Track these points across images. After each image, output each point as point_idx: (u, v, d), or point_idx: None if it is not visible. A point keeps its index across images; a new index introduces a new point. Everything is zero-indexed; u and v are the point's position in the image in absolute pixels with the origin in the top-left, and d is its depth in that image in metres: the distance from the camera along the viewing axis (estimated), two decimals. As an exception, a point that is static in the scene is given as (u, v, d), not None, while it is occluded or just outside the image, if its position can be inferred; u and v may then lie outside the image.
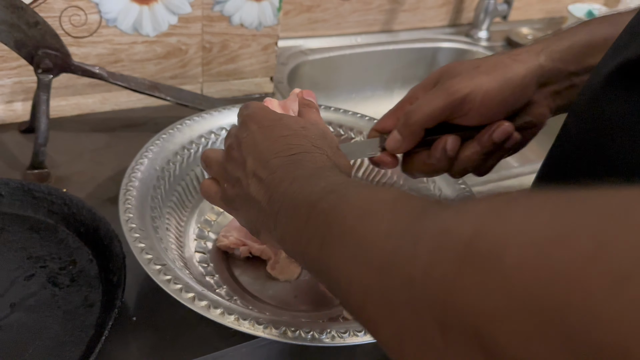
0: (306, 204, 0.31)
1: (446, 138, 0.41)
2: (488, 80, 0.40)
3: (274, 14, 0.74)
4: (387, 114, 0.45)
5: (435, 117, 0.41)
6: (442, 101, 0.40)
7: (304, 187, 0.32)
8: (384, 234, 0.24)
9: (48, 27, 0.57)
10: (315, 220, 0.29)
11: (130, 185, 0.48)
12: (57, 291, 0.47)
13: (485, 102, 0.40)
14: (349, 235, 0.26)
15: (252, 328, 0.38)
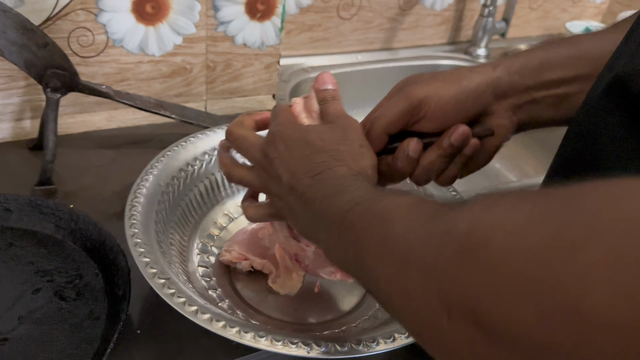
0: (337, 219, 0.34)
1: (409, 140, 0.42)
2: (443, 86, 0.42)
3: (276, 34, 0.76)
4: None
5: (396, 122, 0.43)
6: (401, 105, 0.42)
7: (332, 204, 0.36)
8: (402, 234, 0.28)
9: (57, 48, 0.59)
10: (347, 231, 0.34)
11: (135, 201, 0.49)
12: (63, 304, 0.48)
13: (440, 106, 0.42)
14: (375, 239, 0.30)
15: (254, 341, 0.39)
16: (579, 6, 1.20)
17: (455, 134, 0.42)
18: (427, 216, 0.28)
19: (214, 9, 0.70)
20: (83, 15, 0.64)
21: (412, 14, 1.02)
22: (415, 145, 0.42)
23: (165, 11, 0.67)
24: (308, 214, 0.38)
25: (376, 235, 0.30)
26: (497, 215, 0.22)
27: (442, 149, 0.42)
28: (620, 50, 0.35)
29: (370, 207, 0.33)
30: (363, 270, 0.32)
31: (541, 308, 0.19)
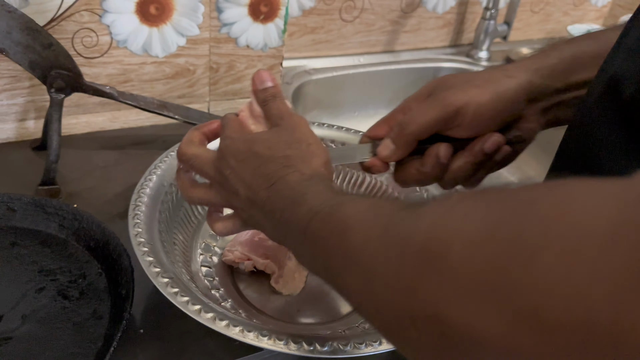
0: (300, 231, 0.34)
1: (439, 146, 0.42)
2: (481, 93, 0.41)
3: (279, 35, 0.76)
4: (380, 122, 0.46)
5: (429, 129, 0.42)
6: (436, 113, 0.41)
7: (292, 215, 0.36)
8: (362, 245, 0.28)
9: (61, 49, 0.59)
10: (311, 242, 0.33)
11: (139, 200, 0.49)
12: (67, 304, 0.48)
13: (478, 115, 0.41)
14: (338, 250, 0.30)
15: (257, 340, 0.40)
16: (581, 9, 1.21)
17: (489, 143, 0.41)
18: (384, 224, 0.27)
19: (217, 11, 0.70)
20: (87, 16, 0.64)
21: (414, 16, 1.02)
22: (446, 150, 0.42)
23: (169, 13, 0.68)
24: (273, 225, 0.38)
25: (338, 246, 0.30)
26: (453, 223, 0.23)
27: (473, 156, 0.42)
28: (613, 54, 0.35)
29: (329, 216, 0.32)
30: (332, 279, 0.32)
31: (503, 314, 0.20)
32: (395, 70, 1.03)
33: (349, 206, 0.32)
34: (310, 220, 0.33)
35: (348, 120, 1.03)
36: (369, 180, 0.63)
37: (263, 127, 0.44)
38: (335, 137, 0.63)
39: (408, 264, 0.24)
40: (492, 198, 0.23)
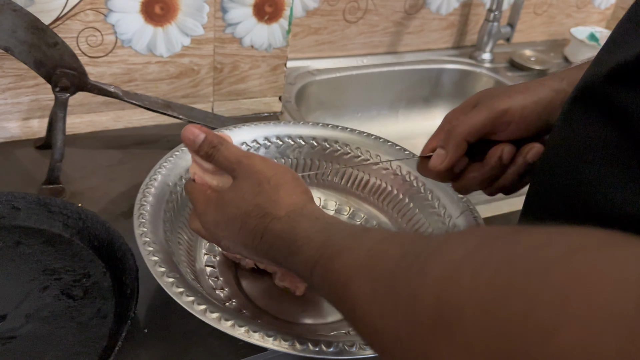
0: (305, 277, 0.36)
1: (503, 146, 0.44)
2: (524, 97, 0.44)
3: (284, 36, 0.76)
4: (429, 141, 0.48)
5: (478, 130, 0.44)
6: (485, 115, 0.44)
7: (295, 265, 0.37)
8: (368, 302, 0.28)
9: (66, 48, 0.59)
10: (319, 287, 0.34)
11: (144, 200, 0.49)
12: (71, 303, 0.48)
13: (524, 117, 0.43)
14: (343, 303, 0.31)
15: (262, 340, 0.39)
16: (584, 12, 1.21)
17: (532, 153, 0.43)
18: (388, 274, 0.27)
19: (222, 11, 0.70)
20: (92, 16, 0.64)
21: (418, 18, 1.02)
22: (510, 150, 0.43)
23: (173, 12, 0.68)
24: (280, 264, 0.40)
25: (343, 299, 0.31)
26: (463, 285, 0.22)
27: (516, 166, 0.44)
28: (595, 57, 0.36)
29: (328, 267, 0.33)
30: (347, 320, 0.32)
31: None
32: (398, 71, 1.03)
33: (347, 255, 0.32)
34: (311, 271, 0.34)
35: (351, 121, 1.03)
36: (373, 181, 0.63)
37: (225, 177, 0.44)
38: (339, 138, 0.63)
39: (419, 330, 0.23)
40: (501, 254, 0.22)
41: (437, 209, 0.57)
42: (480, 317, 0.20)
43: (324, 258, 0.33)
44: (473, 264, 0.22)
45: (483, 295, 0.21)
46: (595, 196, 0.31)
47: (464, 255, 0.23)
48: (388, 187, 0.62)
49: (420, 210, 0.59)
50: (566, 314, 0.18)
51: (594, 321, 0.17)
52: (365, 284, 0.29)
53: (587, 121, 0.33)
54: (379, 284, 0.27)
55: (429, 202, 0.58)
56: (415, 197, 0.60)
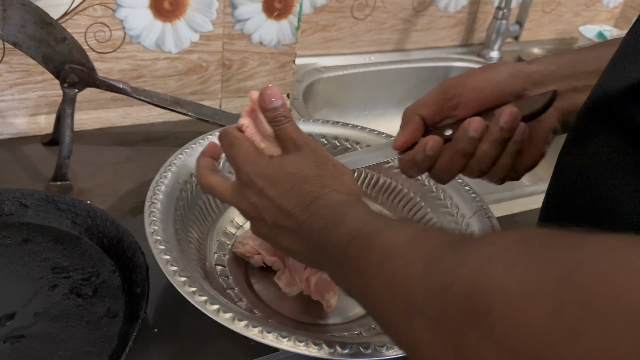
0: (337, 252, 0.34)
1: (469, 120, 0.41)
2: (475, 72, 0.44)
3: (293, 32, 0.75)
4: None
5: (429, 104, 0.44)
6: (435, 91, 0.44)
7: (330, 236, 0.35)
8: (402, 280, 0.28)
9: (75, 43, 0.58)
10: (349, 267, 0.33)
11: (154, 198, 0.48)
12: (80, 301, 0.48)
13: (473, 87, 0.43)
14: (376, 279, 0.30)
15: (276, 341, 0.39)
16: (592, 10, 1.20)
17: (504, 116, 0.40)
18: (426, 260, 0.27)
19: (231, 7, 0.70)
20: (101, 11, 0.63)
21: (426, 15, 1.01)
22: (478, 123, 0.41)
23: (183, 8, 0.67)
24: (307, 247, 0.38)
25: (377, 274, 0.30)
26: (495, 277, 0.22)
27: (492, 135, 0.41)
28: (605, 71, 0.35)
29: (369, 242, 0.32)
30: (369, 305, 0.32)
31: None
32: (406, 69, 1.02)
33: (390, 234, 0.31)
34: (350, 242, 0.33)
35: (357, 119, 1.03)
36: (384, 180, 0.62)
37: (274, 146, 0.43)
38: (349, 136, 0.63)
39: (450, 313, 0.24)
40: (534, 253, 0.22)
41: (449, 208, 0.56)
42: (509, 314, 0.21)
43: (365, 233, 0.32)
44: (505, 261, 0.23)
45: (512, 293, 0.21)
46: (613, 211, 0.31)
47: (498, 250, 0.24)
48: (399, 186, 0.61)
49: (432, 209, 0.58)
50: (593, 314, 0.18)
51: (619, 322, 0.18)
52: (402, 264, 0.28)
53: (604, 135, 0.32)
54: (416, 266, 0.27)
55: (441, 201, 0.57)
56: (427, 196, 0.59)
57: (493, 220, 0.53)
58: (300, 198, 0.38)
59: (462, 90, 0.43)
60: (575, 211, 0.35)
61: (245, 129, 0.44)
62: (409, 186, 0.60)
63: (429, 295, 0.26)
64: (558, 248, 0.22)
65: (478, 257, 0.24)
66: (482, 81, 0.43)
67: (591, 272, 0.20)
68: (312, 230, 0.36)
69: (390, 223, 0.34)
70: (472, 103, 0.43)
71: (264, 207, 0.39)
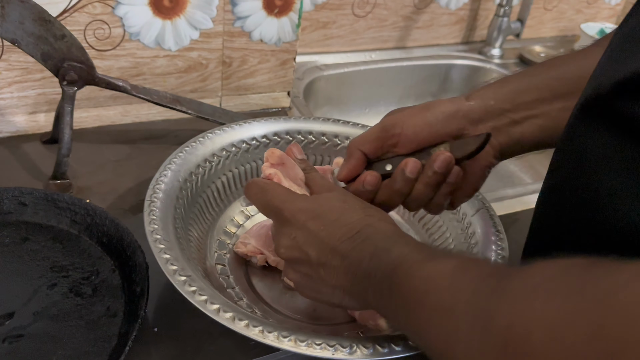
0: (386, 279, 0.34)
1: (406, 161, 0.43)
2: (414, 111, 0.45)
3: (293, 30, 0.75)
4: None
5: (370, 141, 0.45)
6: (376, 128, 0.45)
7: (380, 262, 0.35)
8: (447, 311, 0.29)
9: (74, 40, 0.58)
10: (395, 294, 0.33)
11: (154, 196, 0.48)
12: (79, 301, 0.47)
13: (412, 127, 0.44)
14: (421, 309, 0.31)
15: (277, 341, 0.39)
16: (594, 7, 1.19)
17: (438, 162, 0.42)
18: (470, 292, 0.28)
19: (231, 4, 0.69)
20: (100, 8, 0.63)
21: (427, 12, 1.01)
22: (413, 165, 0.43)
23: (182, 5, 0.67)
24: (352, 280, 0.37)
25: (422, 304, 0.31)
26: (534, 309, 0.23)
27: (427, 177, 0.43)
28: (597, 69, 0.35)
29: (415, 270, 0.33)
30: (413, 332, 0.33)
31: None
32: (407, 66, 1.02)
33: (434, 263, 0.32)
34: (395, 269, 0.34)
35: (359, 117, 1.02)
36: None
37: (303, 190, 0.45)
38: (350, 134, 0.62)
39: (491, 344, 0.25)
40: (573, 281, 0.23)
41: (451, 207, 0.56)
42: (547, 342, 0.22)
43: (410, 261, 0.33)
44: (546, 291, 0.24)
45: (551, 321, 0.22)
46: (606, 207, 0.32)
47: (539, 282, 0.25)
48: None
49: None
50: (631, 335, 0.19)
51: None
52: (446, 295, 0.30)
53: (597, 134, 0.32)
54: (459, 298, 0.29)
55: (443, 199, 0.57)
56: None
57: (495, 218, 0.53)
58: (347, 227, 0.38)
59: (401, 130, 0.44)
60: (569, 207, 0.36)
61: (274, 176, 0.45)
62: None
63: (471, 327, 0.26)
64: (596, 275, 0.23)
65: (519, 290, 0.25)
66: (419, 123, 0.44)
67: (629, 296, 0.20)
68: (361, 257, 0.36)
69: (435, 252, 0.35)
70: (410, 143, 0.44)
71: (306, 242, 0.39)
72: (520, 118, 0.44)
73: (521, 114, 0.44)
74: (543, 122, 0.43)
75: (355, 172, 0.46)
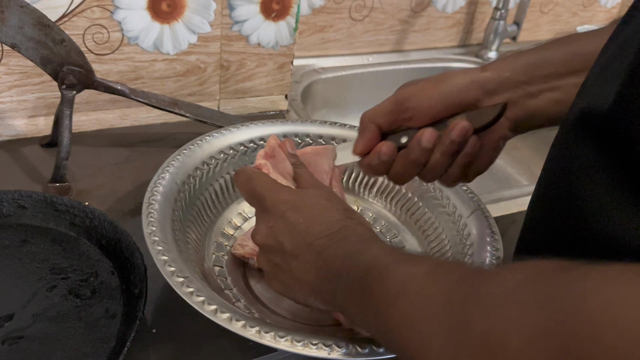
0: (358, 280, 0.34)
1: (422, 131, 0.43)
2: (429, 84, 0.44)
3: (291, 33, 0.75)
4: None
5: (385, 114, 0.45)
6: (391, 100, 0.45)
7: (353, 264, 0.35)
8: (421, 315, 0.29)
9: (73, 45, 0.59)
10: (367, 295, 0.33)
11: (152, 199, 0.49)
12: (78, 302, 0.48)
13: (426, 99, 0.43)
14: (393, 311, 0.31)
15: (274, 341, 0.39)
16: (590, 10, 1.20)
17: (455, 130, 0.42)
18: (445, 297, 0.28)
19: (229, 8, 0.70)
20: (99, 12, 0.64)
21: (424, 16, 1.01)
22: (430, 134, 0.42)
23: (180, 9, 0.67)
24: (322, 278, 0.37)
25: (395, 306, 0.31)
26: (510, 317, 0.23)
27: (444, 146, 0.43)
28: (591, 79, 0.35)
29: (386, 273, 0.32)
30: (384, 335, 0.33)
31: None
32: (404, 69, 1.02)
33: (406, 266, 0.32)
34: (368, 271, 0.33)
35: (356, 119, 1.01)
36: (382, 180, 0.62)
37: (290, 184, 0.45)
38: (347, 136, 0.63)
39: (467, 350, 0.25)
40: (544, 288, 0.23)
41: (447, 208, 0.56)
42: (524, 350, 0.22)
43: (383, 264, 0.33)
44: (520, 298, 0.24)
45: (527, 329, 0.22)
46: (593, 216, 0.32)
47: (513, 288, 0.25)
48: (397, 187, 0.61)
49: (429, 209, 0.58)
50: (603, 346, 0.19)
51: (626, 352, 0.19)
52: (421, 299, 0.29)
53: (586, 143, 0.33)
54: (434, 302, 0.28)
55: (438, 201, 0.57)
56: (424, 197, 0.59)
57: (491, 220, 0.53)
58: (326, 224, 0.38)
59: (415, 104, 0.44)
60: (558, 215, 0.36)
61: (263, 167, 0.46)
62: (407, 186, 0.61)
63: (447, 332, 0.26)
64: (565, 280, 0.23)
65: (494, 296, 0.25)
66: (434, 96, 0.43)
67: (598, 302, 0.20)
68: (335, 256, 0.36)
69: (408, 255, 0.35)
70: (425, 115, 0.44)
71: (282, 232, 0.39)
72: (535, 91, 0.44)
73: (537, 87, 0.43)
74: (558, 97, 0.43)
75: (370, 145, 0.46)
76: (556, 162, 0.36)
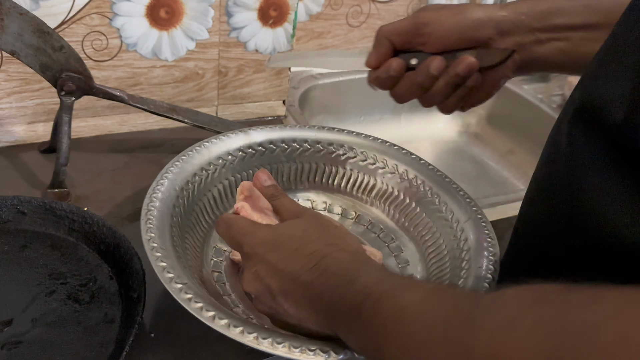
0: (351, 314, 0.33)
1: (432, 58, 0.45)
2: (448, 13, 0.46)
3: (288, 40, 0.76)
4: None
5: (400, 33, 0.46)
6: (408, 21, 0.47)
7: (343, 296, 0.34)
8: (421, 342, 0.28)
9: (72, 51, 0.59)
10: (363, 329, 0.33)
11: (151, 204, 0.49)
12: (77, 307, 0.48)
13: (443, 29, 0.45)
14: (393, 339, 0.30)
15: (272, 347, 0.39)
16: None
17: (462, 65, 0.44)
18: (444, 322, 0.28)
19: (227, 15, 0.70)
20: (97, 19, 0.64)
21: (421, 22, 1.02)
22: (439, 62, 0.44)
23: (179, 16, 0.68)
24: (317, 311, 0.37)
25: (394, 334, 0.30)
26: (515, 340, 0.23)
27: (449, 77, 0.45)
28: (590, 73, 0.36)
29: (385, 299, 0.32)
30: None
31: None
32: (401, 75, 1.03)
33: (403, 292, 0.32)
34: (362, 301, 0.33)
35: (354, 125, 1.03)
36: (379, 185, 0.63)
37: (271, 220, 0.45)
38: (345, 141, 0.63)
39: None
40: (553, 313, 0.23)
41: (444, 213, 0.57)
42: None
43: (377, 292, 0.33)
44: (526, 321, 0.23)
45: (535, 354, 0.22)
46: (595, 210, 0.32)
47: (518, 311, 0.24)
48: (394, 192, 0.62)
49: (427, 214, 0.59)
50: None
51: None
52: (420, 326, 0.29)
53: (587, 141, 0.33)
54: (434, 328, 0.28)
55: (436, 206, 0.58)
56: (422, 202, 0.59)
57: (488, 226, 0.54)
58: (307, 258, 0.37)
59: (432, 30, 0.45)
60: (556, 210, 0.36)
61: (241, 210, 0.46)
62: (404, 191, 0.61)
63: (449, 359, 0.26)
64: (578, 305, 0.22)
65: (497, 320, 0.25)
66: (451, 27, 0.45)
67: (611, 332, 0.20)
68: (324, 290, 0.36)
69: (400, 281, 0.34)
70: (438, 44, 0.46)
71: (267, 274, 0.38)
72: (545, 38, 0.45)
73: (548, 35, 0.45)
74: (565, 47, 0.45)
75: (383, 59, 0.47)
76: (555, 154, 0.37)
